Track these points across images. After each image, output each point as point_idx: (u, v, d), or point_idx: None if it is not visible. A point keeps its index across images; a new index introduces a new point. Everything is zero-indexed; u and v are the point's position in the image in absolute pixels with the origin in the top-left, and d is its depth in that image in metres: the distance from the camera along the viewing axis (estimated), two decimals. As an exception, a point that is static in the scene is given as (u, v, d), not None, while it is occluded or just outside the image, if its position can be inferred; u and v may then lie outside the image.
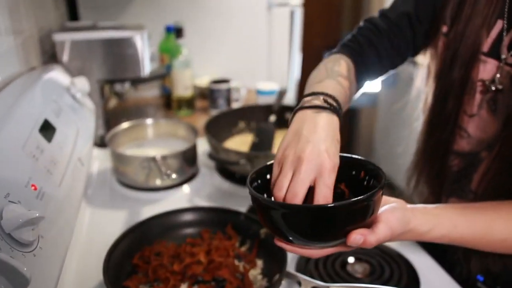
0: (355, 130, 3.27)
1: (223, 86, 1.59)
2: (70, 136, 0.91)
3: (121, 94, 1.58)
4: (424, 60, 0.87)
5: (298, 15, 2.03)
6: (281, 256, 0.76)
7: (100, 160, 1.28)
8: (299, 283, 0.73)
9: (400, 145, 1.00)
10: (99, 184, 1.17)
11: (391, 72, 0.89)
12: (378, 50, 0.84)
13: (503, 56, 0.71)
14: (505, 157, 0.68)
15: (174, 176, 1.06)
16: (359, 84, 0.85)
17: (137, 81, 1.50)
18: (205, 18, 1.84)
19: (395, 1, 0.86)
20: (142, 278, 0.77)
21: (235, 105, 1.67)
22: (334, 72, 0.78)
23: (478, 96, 0.75)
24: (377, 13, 0.88)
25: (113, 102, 1.65)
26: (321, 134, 0.59)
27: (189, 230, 0.88)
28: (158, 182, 1.10)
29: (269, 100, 1.55)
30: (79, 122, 1.00)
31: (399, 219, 0.55)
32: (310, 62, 1.57)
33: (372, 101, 2.74)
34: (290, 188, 0.55)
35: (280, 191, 0.56)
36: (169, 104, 1.68)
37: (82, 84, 1.12)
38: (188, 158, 1.13)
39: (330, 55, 0.85)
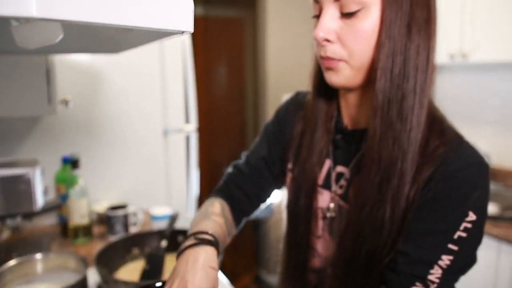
0: (263, 240, 3.39)
1: (119, 212, 1.66)
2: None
3: (14, 227, 1.58)
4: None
5: (194, 138, 2.21)
6: None
7: (-14, 300, 1.25)
8: None
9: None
10: (-18, 327, 1.14)
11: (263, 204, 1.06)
12: (244, 191, 1.01)
13: (333, 188, 0.88)
14: (336, 275, 0.82)
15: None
16: (237, 220, 1.01)
17: (30, 214, 1.52)
18: (102, 147, 1.95)
19: (254, 146, 1.05)
20: None
21: (133, 229, 1.73)
22: (209, 213, 0.93)
23: (320, 221, 0.91)
24: (243, 157, 1.06)
25: (6, 234, 1.63)
26: (192, 268, 0.74)
27: None
28: (45, 320, 1.11)
29: (163, 224, 1.63)
30: (-38, 266, 1.01)
31: None
32: (212, 178, 1.71)
33: (270, 212, 2.91)
34: None
35: None
36: (65, 232, 1.70)
37: (-31, 225, 1.14)
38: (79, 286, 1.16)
39: (208, 200, 1.01)
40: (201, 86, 2.38)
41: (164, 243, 1.37)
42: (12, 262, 1.23)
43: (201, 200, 2.36)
